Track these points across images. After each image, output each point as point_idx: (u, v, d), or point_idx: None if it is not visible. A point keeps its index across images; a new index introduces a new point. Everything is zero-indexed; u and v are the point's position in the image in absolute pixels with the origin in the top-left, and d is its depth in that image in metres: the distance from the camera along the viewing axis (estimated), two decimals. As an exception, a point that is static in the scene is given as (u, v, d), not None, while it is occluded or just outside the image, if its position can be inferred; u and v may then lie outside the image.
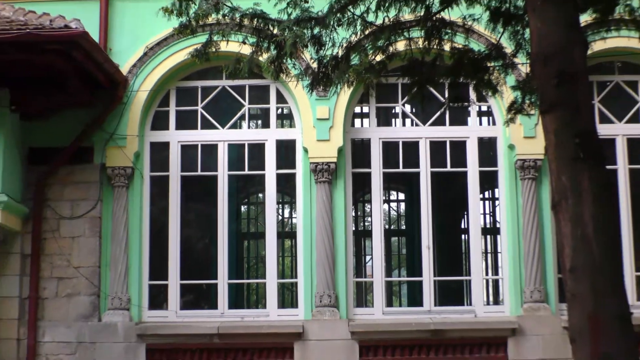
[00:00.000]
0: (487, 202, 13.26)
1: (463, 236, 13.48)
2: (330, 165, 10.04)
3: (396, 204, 16.65)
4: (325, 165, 10.03)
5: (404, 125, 10.84)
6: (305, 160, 10.18)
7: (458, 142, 10.48)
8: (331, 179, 10.07)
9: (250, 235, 15.22)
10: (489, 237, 12.96)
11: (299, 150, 10.34)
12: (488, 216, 13.38)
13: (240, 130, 10.76)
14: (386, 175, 10.72)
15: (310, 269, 9.99)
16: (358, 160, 10.48)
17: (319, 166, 10.03)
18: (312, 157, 10.09)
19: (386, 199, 15.27)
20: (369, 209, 11.41)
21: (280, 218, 14.11)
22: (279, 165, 10.45)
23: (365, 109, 10.99)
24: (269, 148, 10.44)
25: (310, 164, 10.09)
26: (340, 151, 10.13)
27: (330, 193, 10.03)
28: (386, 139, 10.48)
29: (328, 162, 10.04)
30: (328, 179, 10.04)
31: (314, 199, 10.06)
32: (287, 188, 12.31)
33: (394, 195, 16.18)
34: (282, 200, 14.40)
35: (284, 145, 10.55)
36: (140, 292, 10.08)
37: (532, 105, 7.88)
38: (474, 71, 7.61)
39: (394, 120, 10.98)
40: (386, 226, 14.80)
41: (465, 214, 11.30)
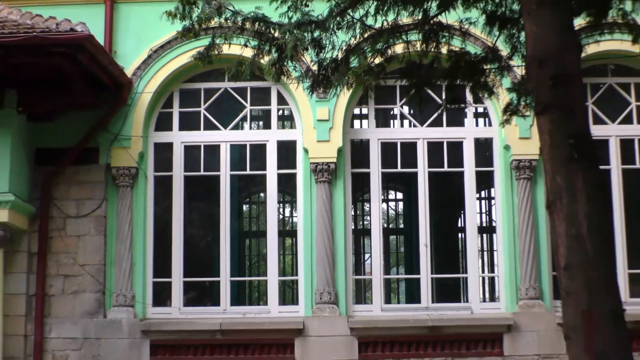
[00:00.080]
0: (483, 202, 13.20)
1: (460, 235, 13.54)
2: (330, 166, 10.10)
3: (394, 203, 16.60)
4: (325, 166, 10.09)
5: (402, 126, 10.83)
6: (306, 161, 10.24)
7: (455, 143, 10.52)
8: (331, 178, 10.13)
9: (251, 234, 15.17)
10: (485, 236, 12.93)
11: (299, 150, 10.39)
12: (484, 215, 13.34)
13: (242, 131, 10.77)
14: (385, 175, 10.75)
15: (310, 267, 10.04)
16: (357, 161, 10.52)
17: (319, 166, 10.10)
18: (312, 158, 10.14)
19: (385, 198, 15.34)
20: (368, 208, 11.43)
21: (281, 217, 14.06)
22: (279, 166, 10.50)
23: (365, 111, 11.03)
24: (270, 149, 10.50)
25: (311, 164, 10.15)
26: (339, 152, 10.19)
27: (330, 193, 10.09)
28: (385, 139, 10.53)
29: (328, 163, 10.10)
30: (328, 179, 10.11)
31: (314, 198, 10.12)
32: (288, 188, 12.32)
33: (392, 195, 16.15)
34: (283, 200, 14.40)
35: (285, 146, 10.60)
36: (145, 289, 10.13)
37: (528, 106, 7.92)
38: (471, 73, 7.64)
39: (392, 121, 10.96)
40: (385, 225, 14.75)
41: (462, 213, 11.39)
